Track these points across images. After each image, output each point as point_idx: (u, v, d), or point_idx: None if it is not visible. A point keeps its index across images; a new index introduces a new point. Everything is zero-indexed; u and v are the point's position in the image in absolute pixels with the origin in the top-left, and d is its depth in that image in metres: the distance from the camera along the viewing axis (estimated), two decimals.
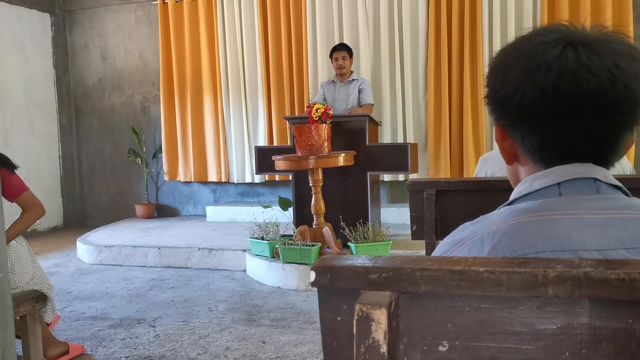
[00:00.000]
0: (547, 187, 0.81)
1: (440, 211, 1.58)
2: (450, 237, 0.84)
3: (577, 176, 0.80)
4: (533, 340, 0.60)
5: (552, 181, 0.81)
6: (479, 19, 5.58)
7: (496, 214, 0.83)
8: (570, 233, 0.74)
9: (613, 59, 0.78)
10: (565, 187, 0.80)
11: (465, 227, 0.83)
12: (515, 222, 0.77)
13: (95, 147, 7.37)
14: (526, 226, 0.76)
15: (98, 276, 4.79)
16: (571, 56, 0.77)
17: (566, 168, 0.82)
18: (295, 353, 2.95)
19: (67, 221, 7.41)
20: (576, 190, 0.80)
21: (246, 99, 6.50)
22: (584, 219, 0.75)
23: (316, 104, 4.22)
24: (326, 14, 6.09)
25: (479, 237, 0.78)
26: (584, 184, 0.80)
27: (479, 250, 0.77)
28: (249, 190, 6.80)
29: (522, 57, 0.80)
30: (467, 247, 0.79)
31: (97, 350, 3.08)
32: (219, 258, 4.90)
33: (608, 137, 0.81)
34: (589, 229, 0.74)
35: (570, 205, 0.77)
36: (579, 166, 0.81)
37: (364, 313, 0.60)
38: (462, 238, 0.81)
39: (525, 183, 0.84)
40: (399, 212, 5.70)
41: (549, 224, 0.76)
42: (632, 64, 0.79)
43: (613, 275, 0.56)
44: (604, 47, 0.79)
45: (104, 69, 7.25)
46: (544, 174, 0.83)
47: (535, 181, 0.83)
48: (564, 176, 0.81)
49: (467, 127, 5.64)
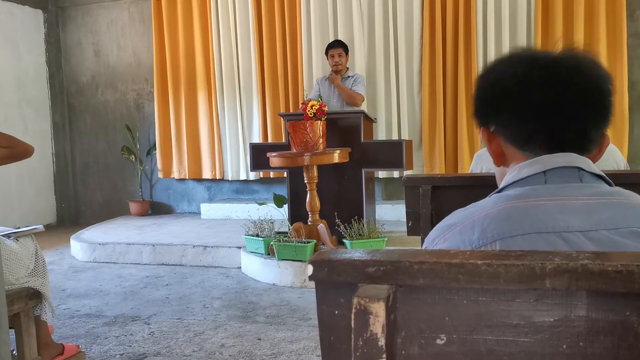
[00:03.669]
0: (533, 175, 0.86)
1: (436, 207, 1.58)
2: (442, 223, 0.88)
3: (562, 165, 0.85)
4: (530, 332, 0.61)
5: (538, 169, 0.86)
6: (473, 16, 5.58)
7: (486, 200, 0.88)
8: (555, 216, 0.78)
9: (577, 60, 0.88)
10: (550, 175, 0.85)
11: (456, 213, 0.88)
12: (503, 207, 0.82)
13: (89, 144, 7.33)
14: (513, 211, 0.81)
15: (92, 274, 4.77)
16: (542, 60, 0.89)
17: (552, 157, 0.87)
18: (290, 349, 2.95)
19: (61, 219, 7.38)
20: (561, 179, 0.85)
21: (241, 96, 6.48)
22: (568, 204, 0.80)
23: (311, 101, 4.22)
24: (321, 10, 6.08)
25: (469, 221, 0.83)
26: (568, 173, 0.85)
27: (469, 234, 0.81)
28: (244, 187, 6.78)
29: (499, 69, 0.94)
30: (458, 232, 0.83)
31: (91, 348, 3.07)
32: (213, 255, 4.89)
33: (581, 127, 0.87)
34: (573, 212, 0.78)
35: (555, 192, 0.82)
36: (563, 155, 0.87)
37: (361, 306, 0.60)
38: (454, 223, 0.85)
39: (513, 171, 0.89)
40: (394, 209, 5.71)
41: (534, 208, 0.80)
42: (594, 67, 0.88)
43: (610, 267, 0.56)
44: (570, 54, 0.91)
45: (97, 66, 7.21)
46: (531, 163, 0.88)
47: (523, 169, 0.88)
48: (549, 164, 0.86)
49: (462, 124, 5.66)
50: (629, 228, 0.77)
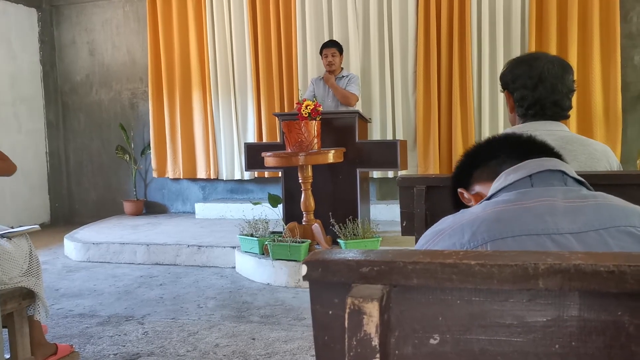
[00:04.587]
0: (520, 180, 0.89)
1: (431, 207, 1.58)
2: (432, 229, 0.89)
3: (547, 168, 0.89)
4: (523, 332, 0.61)
5: (524, 174, 0.89)
6: (467, 16, 5.59)
7: (475, 207, 0.90)
8: (544, 218, 0.80)
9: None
10: (536, 178, 0.88)
11: (445, 219, 0.89)
12: (492, 210, 0.84)
13: (83, 143, 7.30)
14: (503, 213, 0.82)
15: (86, 273, 4.75)
16: None
17: (536, 161, 0.91)
18: (284, 349, 2.95)
19: (54, 218, 7.34)
20: (546, 182, 0.88)
21: (235, 96, 6.47)
22: (556, 205, 0.82)
23: (306, 101, 4.22)
24: (316, 10, 6.08)
25: (458, 225, 0.84)
26: (553, 176, 0.88)
27: (459, 237, 0.82)
28: (238, 187, 6.78)
29: None
30: (447, 235, 0.84)
31: (85, 348, 3.06)
32: (208, 255, 4.88)
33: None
34: (561, 215, 0.80)
35: (542, 194, 0.85)
36: (547, 160, 0.91)
37: (355, 306, 0.60)
38: (443, 228, 0.86)
39: (499, 179, 0.93)
40: (389, 209, 5.72)
41: (524, 211, 0.82)
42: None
43: (603, 267, 0.56)
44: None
45: (92, 65, 7.18)
46: (516, 169, 0.91)
47: (509, 175, 0.91)
48: (534, 168, 0.89)
49: (456, 124, 5.67)
50: (616, 227, 0.79)
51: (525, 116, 1.71)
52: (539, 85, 1.66)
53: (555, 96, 1.66)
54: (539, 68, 1.66)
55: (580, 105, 5.32)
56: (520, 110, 1.71)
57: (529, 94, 1.67)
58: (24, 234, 2.64)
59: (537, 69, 1.66)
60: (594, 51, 5.30)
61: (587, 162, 1.59)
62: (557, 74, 1.66)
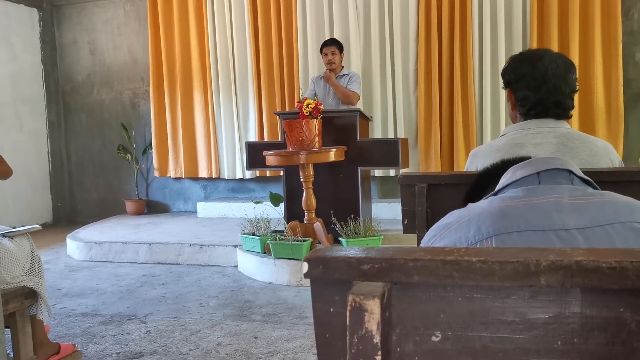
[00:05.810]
0: (528, 176, 0.90)
1: (432, 205, 1.58)
2: (439, 223, 0.90)
3: (555, 166, 0.89)
4: (525, 329, 0.61)
5: (531, 171, 0.90)
6: (469, 14, 5.59)
7: (482, 201, 0.91)
8: (551, 214, 0.80)
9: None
10: (544, 176, 0.89)
11: (452, 213, 0.90)
12: (499, 205, 0.84)
13: (85, 143, 7.31)
14: (509, 209, 0.83)
15: (88, 273, 4.76)
16: None
17: (544, 159, 0.91)
18: (287, 348, 2.95)
19: (57, 218, 7.36)
20: (554, 180, 0.88)
21: (236, 95, 6.47)
22: (563, 203, 0.82)
23: (307, 99, 4.21)
24: (316, 8, 6.07)
25: (465, 219, 0.84)
26: (560, 175, 0.89)
27: (465, 231, 0.82)
28: (240, 186, 6.78)
29: None
30: (454, 230, 0.85)
31: (87, 347, 3.06)
32: (210, 254, 4.88)
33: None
34: (567, 211, 0.81)
35: (548, 192, 0.85)
36: (555, 158, 0.91)
37: (356, 304, 0.60)
38: (450, 222, 0.87)
39: (507, 174, 0.94)
40: (390, 207, 5.71)
41: (530, 207, 0.82)
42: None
43: (604, 264, 0.56)
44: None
45: (93, 65, 7.19)
46: (524, 165, 0.92)
47: (517, 171, 0.92)
48: (543, 166, 0.90)
49: (458, 122, 5.66)
50: (621, 223, 0.79)
51: (526, 115, 1.70)
52: (542, 87, 1.64)
53: (558, 97, 1.64)
54: (543, 68, 1.63)
55: (581, 103, 5.31)
56: (522, 110, 1.70)
57: (531, 95, 1.66)
58: (25, 234, 2.64)
59: (540, 69, 1.64)
60: (596, 48, 5.29)
61: (588, 159, 1.58)
62: (560, 74, 1.64)
